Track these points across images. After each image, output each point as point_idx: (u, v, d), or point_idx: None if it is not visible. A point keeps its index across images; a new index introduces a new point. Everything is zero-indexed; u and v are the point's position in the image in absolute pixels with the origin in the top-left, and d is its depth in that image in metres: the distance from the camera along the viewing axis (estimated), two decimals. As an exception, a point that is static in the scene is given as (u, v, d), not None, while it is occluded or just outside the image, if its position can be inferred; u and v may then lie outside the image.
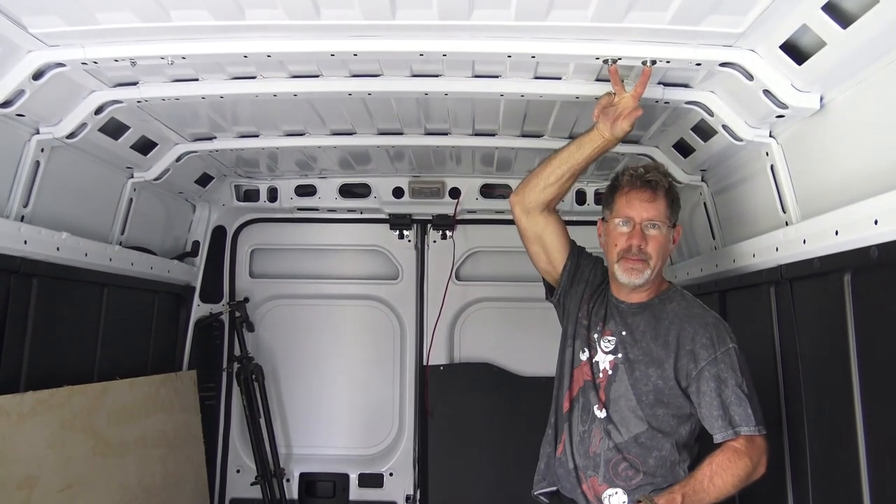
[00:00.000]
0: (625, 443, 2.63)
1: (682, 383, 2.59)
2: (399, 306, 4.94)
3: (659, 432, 2.61)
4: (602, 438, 2.66)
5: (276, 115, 3.45)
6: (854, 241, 2.25)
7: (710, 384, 2.52)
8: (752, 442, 2.48)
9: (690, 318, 2.65)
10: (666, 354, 2.61)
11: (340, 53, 2.64)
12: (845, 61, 2.22)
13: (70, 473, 3.11)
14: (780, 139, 2.85)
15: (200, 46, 2.59)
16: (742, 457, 2.45)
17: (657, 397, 2.61)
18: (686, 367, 2.58)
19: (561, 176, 2.85)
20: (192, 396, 4.36)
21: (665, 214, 2.71)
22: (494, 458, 4.62)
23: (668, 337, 2.63)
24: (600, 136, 2.79)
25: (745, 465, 2.44)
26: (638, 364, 2.65)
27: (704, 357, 2.55)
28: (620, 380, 2.67)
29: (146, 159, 3.66)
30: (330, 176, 4.61)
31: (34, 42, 2.50)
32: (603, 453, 2.65)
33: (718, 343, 2.56)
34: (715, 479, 2.44)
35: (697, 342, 2.57)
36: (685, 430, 2.64)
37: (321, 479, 4.90)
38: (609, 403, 2.67)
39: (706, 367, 2.54)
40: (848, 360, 2.34)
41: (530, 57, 2.67)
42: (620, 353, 2.70)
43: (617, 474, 2.64)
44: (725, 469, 2.44)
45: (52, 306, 3.14)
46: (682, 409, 2.62)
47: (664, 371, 2.60)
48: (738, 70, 2.58)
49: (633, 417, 2.63)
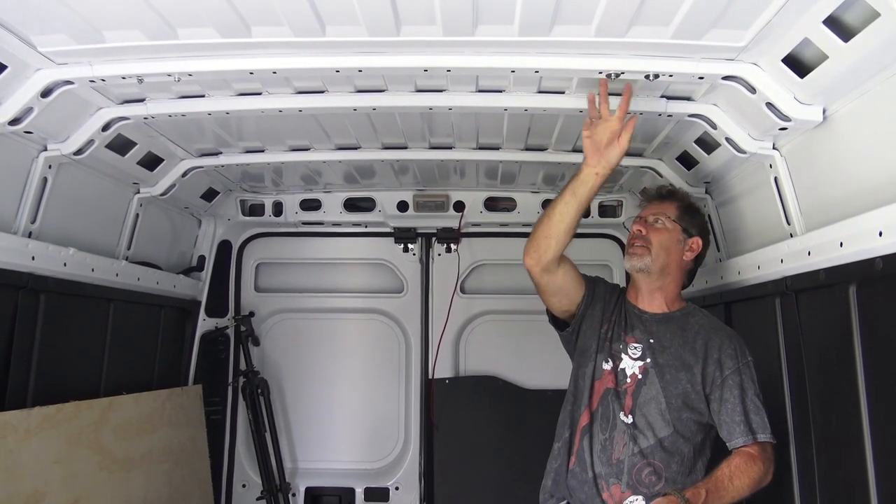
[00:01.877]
0: (650, 447, 2.68)
1: (706, 390, 2.70)
2: (404, 320, 4.94)
3: (681, 437, 2.69)
4: (626, 444, 2.69)
5: (282, 130, 3.48)
6: (859, 252, 2.25)
7: (734, 391, 2.65)
8: (764, 449, 2.61)
9: (717, 330, 2.80)
10: (695, 360, 2.72)
11: (345, 69, 2.66)
12: (847, 74, 2.23)
13: (77, 489, 3.11)
14: (783, 151, 2.86)
15: (207, 63, 2.61)
16: (757, 462, 2.56)
17: (685, 401, 2.70)
18: (712, 374, 2.69)
19: (565, 229, 2.80)
20: (198, 411, 4.36)
21: (674, 214, 2.91)
22: (501, 471, 4.60)
23: (695, 344, 2.75)
24: (592, 172, 2.77)
25: (759, 470, 2.56)
26: (668, 368, 2.73)
27: (730, 366, 2.68)
28: (651, 383, 2.73)
29: (152, 175, 3.69)
30: (335, 190, 4.63)
31: (43, 60, 2.53)
32: (627, 459, 2.68)
33: (741, 355, 2.71)
34: (734, 479, 2.53)
35: (724, 352, 2.71)
36: (701, 437, 2.74)
37: (327, 493, 4.88)
38: (636, 408, 2.72)
39: (730, 376, 2.67)
40: (854, 371, 2.34)
41: (534, 72, 2.68)
42: (649, 359, 2.76)
43: (640, 481, 2.66)
44: (743, 472, 2.54)
45: (59, 321, 3.15)
46: (702, 416, 2.71)
47: (693, 376, 2.70)
48: (740, 83, 2.59)
49: (661, 420, 2.69)
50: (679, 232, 2.89)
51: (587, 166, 2.78)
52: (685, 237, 2.90)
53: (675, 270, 2.90)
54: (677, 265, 2.90)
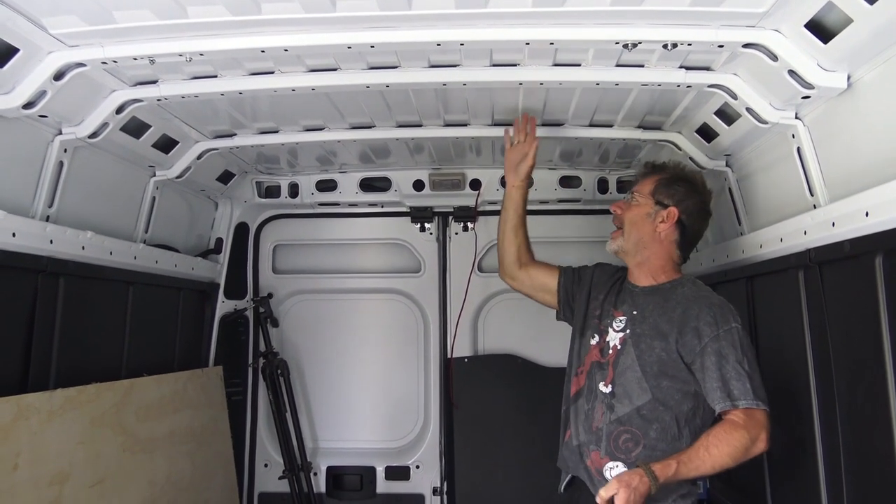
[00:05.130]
0: (627, 415, 2.75)
1: (686, 358, 2.71)
2: (422, 299, 4.94)
3: (661, 404, 2.73)
4: (604, 413, 2.80)
5: (295, 110, 3.46)
6: (885, 222, 2.20)
7: (712, 359, 2.64)
8: (751, 416, 2.57)
9: (697, 299, 2.79)
10: (670, 329, 2.75)
11: (357, 46, 2.63)
12: (873, 38, 2.16)
13: (100, 469, 3.15)
14: (806, 121, 2.79)
15: (218, 42, 2.59)
16: (739, 429, 2.54)
17: (661, 369, 2.74)
18: (690, 342, 2.70)
19: (505, 239, 3.38)
20: (219, 392, 4.40)
21: (649, 189, 2.99)
22: (521, 448, 4.61)
23: (673, 314, 2.78)
24: (512, 187, 3.38)
25: (742, 437, 2.53)
26: (644, 337, 2.80)
27: (708, 334, 2.67)
28: (627, 353, 2.81)
29: (168, 157, 3.69)
30: (350, 170, 4.61)
31: (54, 43, 2.52)
32: (605, 427, 2.78)
33: (721, 322, 2.68)
34: (711, 448, 2.53)
35: (702, 320, 2.70)
36: (687, 406, 2.73)
37: (348, 472, 4.92)
38: (616, 377, 2.81)
39: (709, 344, 2.66)
40: (881, 343, 2.29)
41: (549, 44, 2.63)
42: (629, 329, 2.86)
43: (618, 447, 2.74)
44: (722, 440, 2.53)
45: (79, 305, 3.18)
46: (687, 384, 2.73)
47: (668, 344, 2.74)
48: (761, 51, 2.52)
49: (638, 388, 2.75)
50: (651, 205, 2.96)
51: (508, 184, 3.41)
52: (657, 209, 2.94)
53: (652, 243, 2.95)
54: (651, 238, 2.95)
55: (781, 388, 3.16)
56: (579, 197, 4.64)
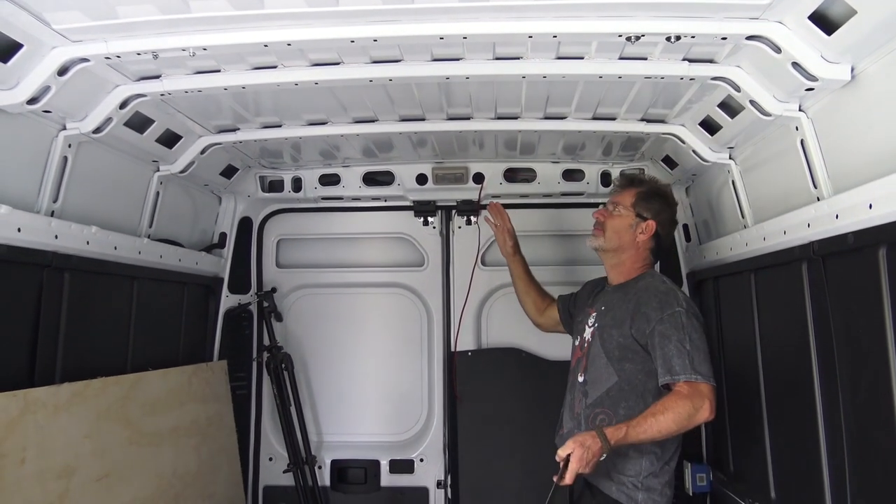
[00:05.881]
0: (599, 398, 3.10)
1: (640, 341, 3.04)
2: (425, 293, 4.94)
3: (627, 384, 3.06)
4: (581, 399, 3.18)
5: (298, 104, 3.46)
6: (889, 214, 2.20)
7: (657, 339, 2.96)
8: (694, 388, 2.84)
9: (647, 289, 3.14)
10: (625, 317, 3.11)
11: (360, 39, 2.63)
12: (876, 29, 2.16)
13: (107, 463, 3.17)
14: (809, 113, 2.79)
15: (220, 37, 2.60)
16: (683, 399, 2.82)
17: (622, 353, 3.09)
18: (642, 327, 3.03)
19: (521, 295, 4.03)
20: (224, 386, 4.41)
21: (628, 202, 3.34)
22: (525, 442, 4.61)
23: (629, 304, 3.13)
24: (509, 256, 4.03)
25: (686, 406, 2.80)
26: (606, 327, 3.19)
27: (654, 318, 3.00)
28: (595, 343, 3.20)
29: (171, 152, 3.70)
30: (353, 164, 4.61)
31: (58, 38, 2.53)
32: (583, 411, 3.15)
33: (666, 306, 3.00)
34: (658, 415, 2.80)
35: (650, 306, 3.04)
36: (652, 384, 3.01)
37: (352, 465, 4.93)
38: (588, 367, 3.20)
39: (656, 327, 2.98)
40: (884, 335, 2.29)
41: (552, 37, 2.63)
42: (597, 323, 3.26)
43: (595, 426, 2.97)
44: (667, 408, 2.81)
45: (85, 299, 3.19)
46: (647, 363, 3.03)
47: (623, 330, 3.09)
48: (765, 43, 2.52)
49: (605, 373, 3.11)
50: (632, 217, 3.32)
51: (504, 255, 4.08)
52: (638, 221, 3.31)
53: (630, 248, 3.33)
54: (631, 245, 3.32)
55: (784, 380, 3.17)
56: (582, 190, 4.64)
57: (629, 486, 3.00)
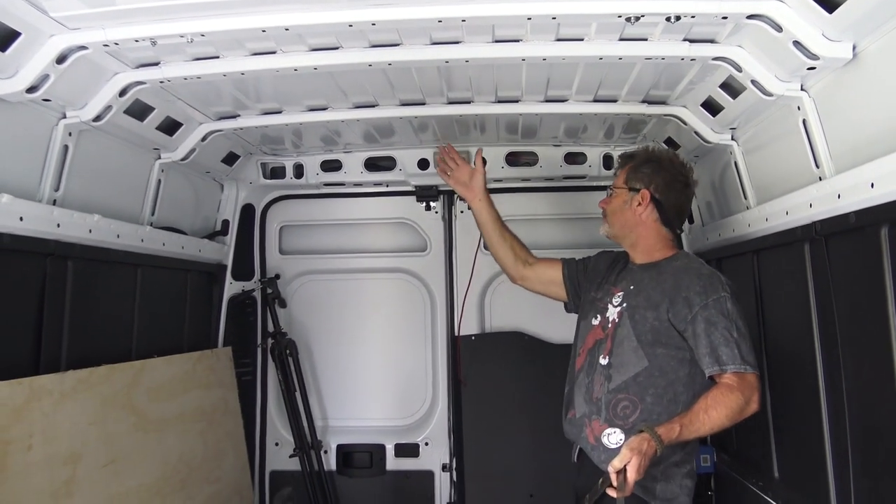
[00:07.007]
0: (625, 382, 2.89)
1: (678, 326, 2.84)
2: (428, 278, 4.95)
3: (658, 371, 2.86)
4: (603, 383, 2.94)
5: (298, 90, 3.45)
6: (891, 193, 2.19)
7: (702, 326, 2.77)
8: (742, 379, 2.69)
9: (688, 270, 2.94)
10: (661, 299, 2.90)
11: (358, 23, 2.62)
12: (878, 7, 2.14)
13: (113, 449, 3.19)
14: (811, 92, 2.76)
15: (218, 23, 2.59)
16: (734, 391, 2.66)
17: (655, 337, 2.87)
18: (681, 311, 2.83)
19: (496, 245, 3.65)
20: (229, 372, 4.44)
21: (621, 180, 3.18)
22: (529, 424, 4.64)
23: (665, 285, 2.93)
24: (476, 202, 3.65)
25: (738, 399, 2.65)
26: (638, 308, 2.95)
27: (697, 303, 2.80)
28: (624, 324, 2.96)
29: (172, 140, 3.69)
30: (355, 150, 4.60)
31: (56, 26, 2.52)
32: (604, 396, 2.92)
33: (710, 291, 2.82)
34: (710, 411, 2.64)
35: (692, 290, 2.84)
36: (684, 371, 2.85)
37: (358, 450, 4.96)
38: (613, 349, 2.96)
39: (699, 312, 2.79)
40: (887, 314, 2.29)
41: (551, 18, 2.61)
42: (625, 303, 3.02)
43: (616, 414, 2.87)
44: (719, 402, 2.65)
45: (88, 287, 3.20)
46: (681, 350, 2.85)
47: (659, 313, 2.88)
48: (766, 22, 2.50)
49: (634, 357, 2.89)
50: (626, 193, 3.14)
51: (469, 201, 3.70)
52: (631, 195, 3.12)
53: (636, 226, 3.13)
54: (636, 222, 3.13)
55: (787, 361, 3.18)
56: (585, 173, 4.62)
57: (647, 476, 2.64)
